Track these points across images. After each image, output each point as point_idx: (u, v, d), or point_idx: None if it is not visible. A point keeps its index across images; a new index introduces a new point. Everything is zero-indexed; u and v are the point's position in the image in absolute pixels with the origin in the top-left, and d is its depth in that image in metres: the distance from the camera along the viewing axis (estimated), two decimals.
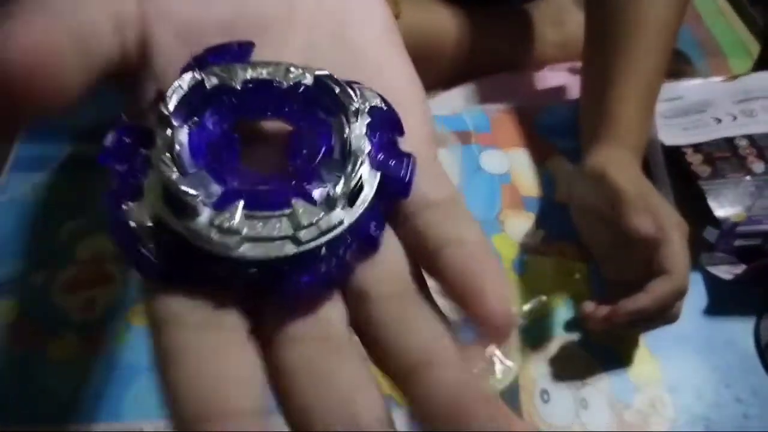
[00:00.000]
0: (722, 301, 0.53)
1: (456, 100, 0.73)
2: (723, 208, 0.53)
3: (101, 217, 0.56)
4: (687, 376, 0.50)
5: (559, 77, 0.76)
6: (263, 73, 0.18)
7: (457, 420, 0.15)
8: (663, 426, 0.47)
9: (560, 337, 0.51)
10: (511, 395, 0.48)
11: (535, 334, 0.51)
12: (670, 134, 0.59)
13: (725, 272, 0.54)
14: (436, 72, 0.72)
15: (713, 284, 0.54)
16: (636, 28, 0.53)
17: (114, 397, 0.47)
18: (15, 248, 0.54)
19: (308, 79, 0.18)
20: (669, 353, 0.51)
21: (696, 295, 0.54)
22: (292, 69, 0.18)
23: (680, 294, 0.46)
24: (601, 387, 0.49)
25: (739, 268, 0.54)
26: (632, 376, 0.49)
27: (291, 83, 0.18)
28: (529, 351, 0.50)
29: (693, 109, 0.61)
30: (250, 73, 0.18)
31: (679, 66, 0.79)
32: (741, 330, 0.52)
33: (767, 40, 0.84)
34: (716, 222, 0.53)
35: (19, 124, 0.16)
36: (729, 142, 0.57)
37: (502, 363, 0.49)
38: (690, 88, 0.64)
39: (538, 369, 0.50)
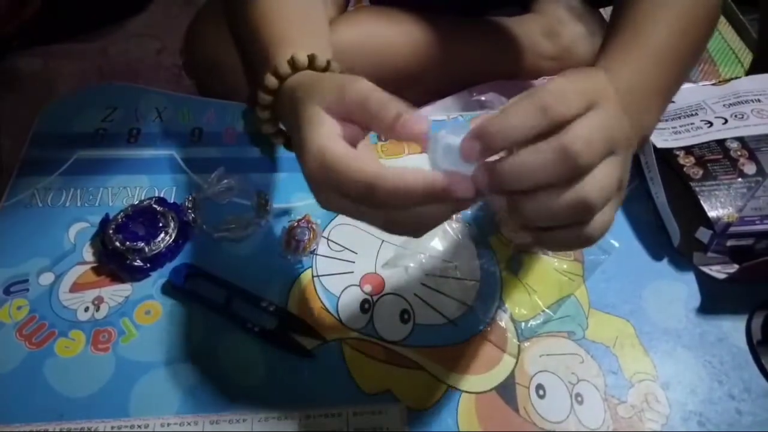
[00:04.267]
0: (715, 300, 0.54)
1: (452, 105, 0.74)
2: (716, 210, 0.54)
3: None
4: (680, 372, 0.50)
5: None
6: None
7: None
8: (657, 421, 0.48)
9: (556, 334, 0.52)
10: (508, 391, 0.49)
11: (531, 330, 0.52)
12: (662, 137, 0.60)
13: (718, 272, 0.55)
14: (423, 84, 0.74)
15: (706, 283, 0.55)
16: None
17: (120, 394, 0.48)
18: (24, 250, 0.55)
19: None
20: (663, 350, 0.52)
21: (689, 294, 0.55)
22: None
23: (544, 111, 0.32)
24: (596, 383, 0.50)
25: (732, 268, 0.55)
26: (626, 372, 0.50)
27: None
28: (525, 347, 0.51)
29: (684, 113, 0.62)
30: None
31: None
32: (733, 327, 0.53)
33: (761, 50, 0.85)
34: (709, 223, 0.54)
35: None
36: (720, 144, 0.58)
37: None
38: (681, 92, 0.65)
39: (534, 365, 0.51)
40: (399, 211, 0.34)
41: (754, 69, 0.83)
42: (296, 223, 0.57)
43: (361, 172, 0.33)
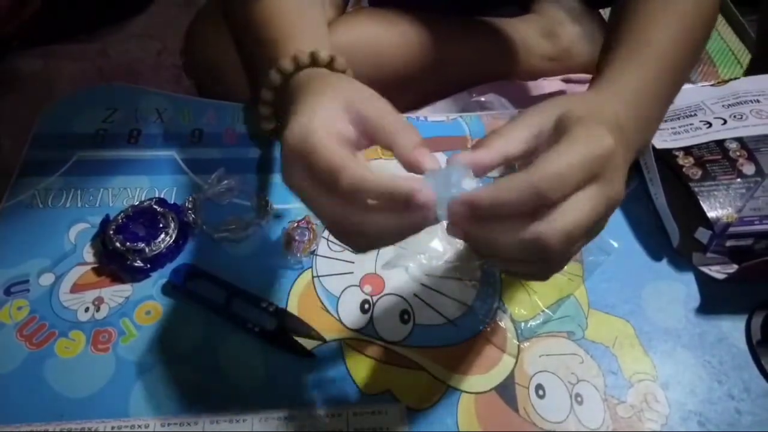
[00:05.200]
0: (714, 300, 0.54)
1: (452, 106, 0.74)
2: (715, 210, 0.54)
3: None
4: (680, 372, 0.51)
5: (554, 85, 0.78)
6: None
7: None
8: (656, 421, 0.48)
9: (556, 334, 0.52)
10: (507, 391, 0.49)
11: (531, 330, 0.52)
12: (661, 138, 0.60)
13: (717, 272, 0.55)
14: (422, 85, 0.74)
15: (706, 283, 0.55)
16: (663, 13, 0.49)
17: (120, 395, 0.48)
18: (24, 251, 0.55)
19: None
20: (662, 350, 0.52)
21: (689, 294, 0.55)
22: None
23: (537, 195, 0.32)
24: (596, 383, 0.50)
25: (731, 268, 0.55)
26: (626, 372, 0.50)
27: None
28: (524, 347, 0.52)
29: (683, 114, 0.62)
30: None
31: None
32: (733, 327, 0.53)
33: (759, 50, 0.85)
34: (708, 223, 0.54)
35: None
36: (719, 144, 0.58)
37: None
38: (680, 92, 0.64)
39: (533, 365, 0.51)
40: (352, 209, 0.34)
41: (752, 68, 0.83)
42: (296, 224, 0.57)
43: (335, 154, 0.34)
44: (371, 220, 0.34)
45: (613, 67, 0.46)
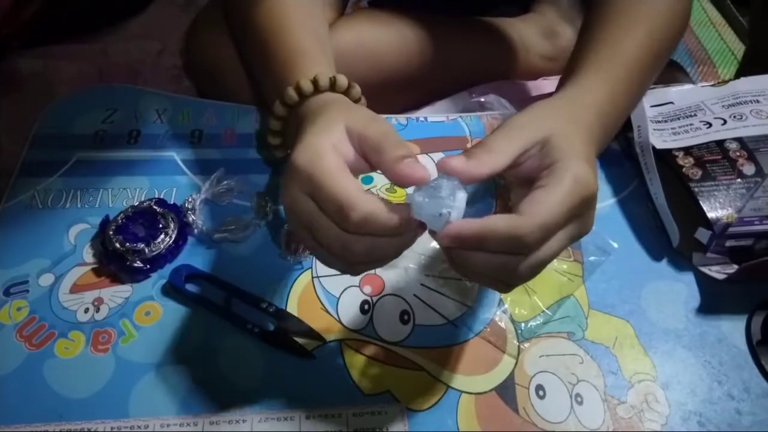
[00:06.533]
0: (714, 300, 0.54)
1: (452, 107, 0.74)
2: (715, 210, 0.54)
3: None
4: (680, 372, 0.51)
5: (554, 85, 0.77)
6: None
7: None
8: (657, 421, 0.48)
9: (556, 334, 0.52)
10: (507, 391, 0.49)
11: (531, 331, 0.52)
12: (661, 138, 0.60)
13: (717, 272, 0.55)
14: (422, 85, 0.74)
15: (706, 284, 0.55)
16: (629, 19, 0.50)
17: (120, 395, 0.48)
18: (24, 251, 0.55)
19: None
20: (663, 350, 0.52)
21: (689, 294, 0.55)
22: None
23: (519, 242, 0.35)
24: (596, 383, 0.50)
25: (731, 268, 0.55)
26: (626, 372, 0.50)
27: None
28: (524, 348, 0.52)
29: (683, 114, 0.62)
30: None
31: (674, 75, 0.80)
32: (733, 328, 0.53)
33: (752, 40, 0.84)
34: (708, 223, 0.54)
35: None
36: (719, 145, 0.58)
37: None
38: (680, 93, 0.65)
39: (533, 366, 0.51)
40: (358, 239, 0.35)
41: (744, 65, 0.83)
42: None
43: (345, 186, 0.35)
44: (377, 245, 0.36)
45: (587, 77, 0.47)
